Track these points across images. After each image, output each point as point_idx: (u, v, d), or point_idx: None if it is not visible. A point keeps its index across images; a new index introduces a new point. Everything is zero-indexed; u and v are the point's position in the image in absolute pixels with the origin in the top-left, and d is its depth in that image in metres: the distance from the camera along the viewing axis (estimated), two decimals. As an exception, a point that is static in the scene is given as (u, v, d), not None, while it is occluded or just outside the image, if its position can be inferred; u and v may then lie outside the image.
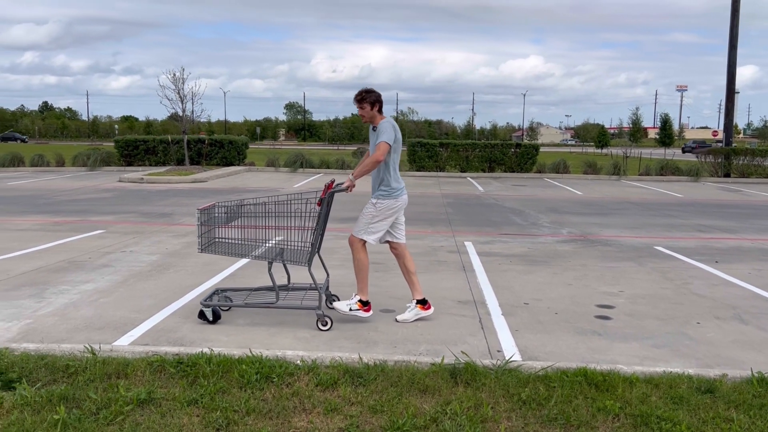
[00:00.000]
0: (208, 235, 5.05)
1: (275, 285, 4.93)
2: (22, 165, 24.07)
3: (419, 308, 5.17)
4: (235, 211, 5.08)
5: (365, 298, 5.11)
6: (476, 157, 24.01)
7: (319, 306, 4.90)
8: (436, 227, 10.49)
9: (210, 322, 4.97)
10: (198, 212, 5.00)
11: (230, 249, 5.10)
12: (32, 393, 3.29)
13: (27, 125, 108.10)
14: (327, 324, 4.88)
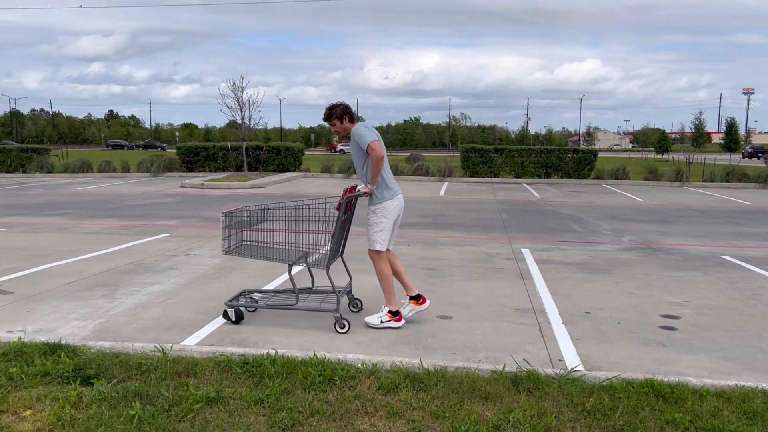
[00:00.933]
0: (236, 238, 5.18)
1: (295, 287, 5.05)
2: (91, 171, 25.17)
3: (413, 303, 5.22)
4: (259, 215, 5.20)
5: (394, 308, 5.11)
6: (532, 163, 23.69)
7: (337, 309, 4.95)
8: (491, 234, 10.41)
9: (233, 322, 5.11)
10: (222, 216, 5.12)
11: (254, 251, 5.20)
12: (109, 389, 3.45)
13: (94, 133, 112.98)
14: (345, 327, 4.93)
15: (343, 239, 5.43)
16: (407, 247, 8.91)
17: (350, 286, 5.59)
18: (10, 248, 8.42)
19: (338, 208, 4.98)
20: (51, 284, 6.37)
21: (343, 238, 5.41)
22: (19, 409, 3.26)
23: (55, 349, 4.01)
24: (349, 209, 5.24)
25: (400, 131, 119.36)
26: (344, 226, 5.27)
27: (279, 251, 5.13)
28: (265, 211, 5.21)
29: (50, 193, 17.56)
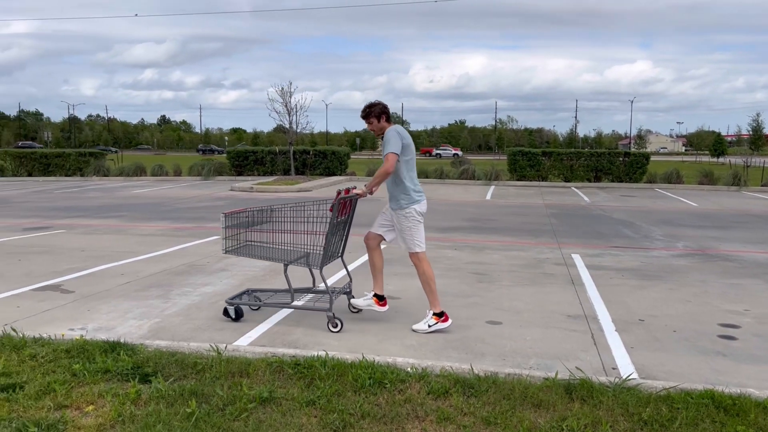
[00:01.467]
0: (238, 238, 5.31)
1: (290, 287, 5.18)
2: (144, 174, 25.96)
3: (374, 301, 5.30)
4: (259, 217, 5.32)
5: (439, 309, 5.10)
6: (581, 167, 23.27)
7: (330, 308, 5.03)
8: (540, 238, 10.26)
9: (233, 319, 5.26)
10: (222, 216, 5.25)
11: (254, 251, 5.33)
12: (166, 387, 3.54)
13: (147, 137, 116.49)
14: (337, 326, 5.01)
15: (343, 240, 5.51)
16: (454, 251, 8.87)
17: (350, 287, 5.65)
18: (71, 249, 8.75)
19: (331, 210, 5.04)
20: (109, 284, 6.60)
21: (342, 239, 5.49)
22: (82, 404, 3.39)
23: (114, 347, 4.15)
24: (346, 211, 5.30)
25: (445, 134, 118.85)
26: (341, 227, 5.35)
27: (276, 251, 5.27)
28: (265, 212, 5.34)
29: (107, 195, 18.19)
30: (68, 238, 9.80)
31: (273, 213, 5.30)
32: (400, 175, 5.04)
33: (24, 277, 6.90)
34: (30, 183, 23.86)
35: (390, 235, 5.31)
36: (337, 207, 5.04)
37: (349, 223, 5.50)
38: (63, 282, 6.68)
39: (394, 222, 5.20)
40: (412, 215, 5.08)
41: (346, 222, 5.42)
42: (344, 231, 5.48)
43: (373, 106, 5.12)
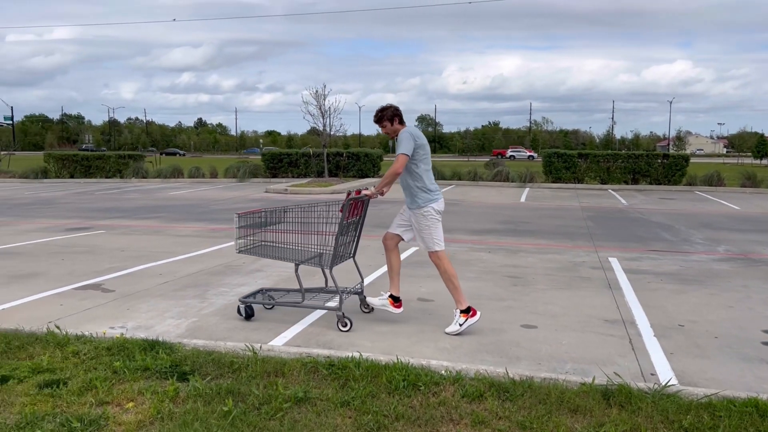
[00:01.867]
0: (254, 238, 5.42)
1: (301, 286, 5.28)
2: (181, 176, 26.45)
3: (389, 302, 5.32)
4: (272, 217, 5.43)
5: (465, 305, 5.10)
6: (618, 169, 22.87)
7: (339, 308, 5.09)
8: (576, 242, 10.11)
9: (244, 318, 5.36)
10: (236, 217, 5.38)
11: (267, 251, 5.43)
12: (203, 385, 3.60)
13: (184, 140, 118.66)
14: (347, 325, 5.06)
15: (355, 241, 5.56)
16: (488, 254, 8.81)
17: (361, 287, 5.70)
18: (111, 249, 8.96)
19: (341, 210, 5.09)
20: (148, 284, 6.74)
21: (354, 239, 5.54)
22: (123, 401, 3.46)
23: (153, 345, 4.23)
24: (357, 212, 5.35)
25: (478, 136, 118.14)
26: (353, 228, 5.41)
27: (288, 251, 5.37)
28: (278, 213, 5.44)
29: (145, 197, 18.58)
30: (108, 239, 10.04)
31: (286, 213, 5.41)
32: (416, 175, 5.09)
33: (67, 276, 7.09)
34: (72, 184, 24.52)
35: (408, 235, 5.33)
36: (347, 208, 5.09)
37: (361, 224, 5.55)
38: (104, 281, 6.85)
39: (412, 222, 5.22)
40: (431, 214, 5.10)
41: (357, 223, 5.47)
42: (356, 232, 5.53)
43: (384, 110, 5.18)
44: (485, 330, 5.16)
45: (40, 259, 8.18)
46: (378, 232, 10.87)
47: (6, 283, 6.75)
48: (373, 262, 8.11)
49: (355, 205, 5.24)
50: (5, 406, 3.39)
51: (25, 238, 10.00)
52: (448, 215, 13.85)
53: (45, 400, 3.43)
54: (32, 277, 7.07)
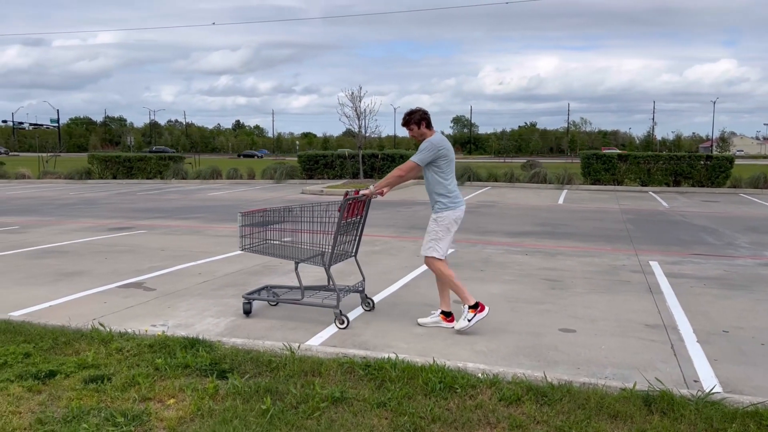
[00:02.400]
0: (258, 237, 5.57)
1: (301, 284, 5.39)
2: (220, 177, 26.89)
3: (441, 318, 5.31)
4: (274, 216, 5.58)
5: (473, 301, 5.11)
6: (659, 170, 22.37)
7: (337, 306, 5.19)
8: (615, 245, 9.93)
9: (243, 313, 5.56)
10: (240, 216, 5.52)
11: (268, 250, 5.56)
12: (242, 383, 3.66)
13: (222, 142, 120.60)
14: (344, 323, 5.16)
15: (356, 240, 5.63)
16: (525, 256, 8.71)
17: (362, 285, 5.76)
18: (152, 248, 9.17)
19: (339, 210, 5.16)
20: (187, 283, 6.87)
21: (355, 238, 5.62)
22: (164, 397, 3.54)
23: (193, 343, 4.31)
24: (358, 212, 5.42)
25: (515, 137, 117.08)
26: (353, 227, 5.50)
27: (290, 249, 5.50)
28: (280, 212, 5.58)
29: (185, 198, 18.95)
30: (149, 238, 10.27)
31: (288, 213, 5.54)
32: (437, 182, 5.12)
33: (110, 274, 7.28)
34: (114, 185, 25.17)
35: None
36: (344, 208, 5.15)
37: (363, 224, 5.63)
38: (145, 280, 7.01)
39: (429, 222, 5.25)
40: (444, 221, 5.14)
41: (358, 223, 5.56)
42: (357, 231, 5.61)
43: (413, 113, 5.19)
44: (522, 333, 5.11)
45: (84, 257, 8.42)
46: (413, 234, 10.88)
47: (54, 281, 6.97)
48: (409, 263, 8.11)
49: (354, 205, 5.31)
50: (53, 400, 3.50)
51: (71, 237, 10.30)
52: (485, 217, 13.77)
53: (90, 394, 3.53)
54: (77, 275, 7.28)
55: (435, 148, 5.05)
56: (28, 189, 23.40)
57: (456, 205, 5.16)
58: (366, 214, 5.60)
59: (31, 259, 8.28)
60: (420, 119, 5.16)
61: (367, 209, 5.57)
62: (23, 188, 23.86)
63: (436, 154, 5.04)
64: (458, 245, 9.60)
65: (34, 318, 5.24)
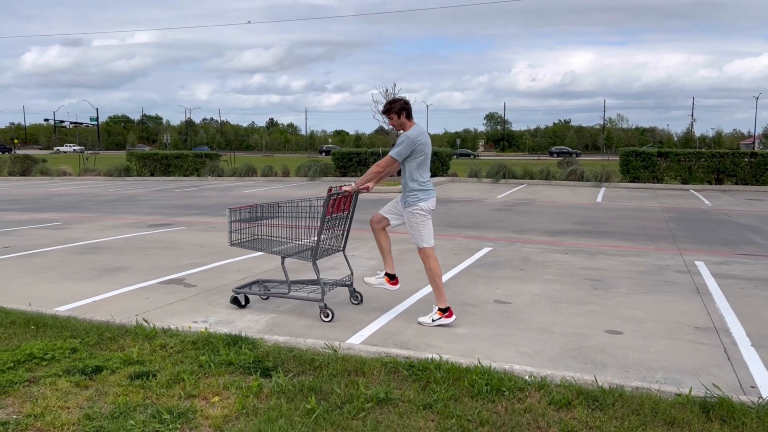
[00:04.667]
0: (245, 232, 5.69)
1: (287, 278, 5.50)
2: (255, 175, 27.13)
3: (386, 280, 5.53)
4: (263, 212, 5.71)
5: (444, 305, 5.20)
6: (701, 168, 21.78)
7: (321, 299, 5.33)
8: (658, 244, 9.67)
9: (241, 306, 5.69)
10: (228, 211, 5.64)
11: (256, 245, 5.69)
12: (286, 382, 3.63)
13: (256, 140, 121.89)
14: (328, 316, 5.28)
15: (344, 235, 5.76)
16: (565, 255, 8.54)
17: (350, 280, 5.86)
18: (191, 245, 9.26)
19: (324, 206, 5.28)
20: (227, 279, 6.90)
21: (343, 233, 5.74)
22: (209, 394, 3.53)
23: (236, 340, 4.31)
24: (345, 207, 5.55)
25: (549, 134, 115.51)
26: (340, 222, 5.63)
27: (276, 244, 5.64)
28: (269, 207, 5.69)
29: (221, 195, 19.15)
30: (188, 235, 10.38)
31: (276, 208, 5.64)
32: (411, 174, 5.19)
33: (151, 270, 7.37)
34: (152, 182, 25.61)
35: (395, 221, 5.45)
36: (327, 203, 5.25)
37: (350, 219, 5.74)
38: (186, 276, 7.07)
39: (404, 217, 5.34)
40: (419, 212, 5.20)
41: (345, 218, 5.67)
42: (344, 226, 5.72)
43: (393, 102, 5.25)
44: (568, 335, 4.99)
45: (126, 253, 8.54)
46: (448, 231, 10.78)
47: (97, 276, 7.08)
48: (445, 261, 8.02)
49: (340, 201, 5.42)
50: (100, 395, 3.52)
51: (112, 234, 10.48)
52: (522, 215, 13.57)
53: (136, 391, 3.54)
54: (120, 271, 7.38)
55: (412, 143, 5.09)
56: (70, 186, 23.97)
57: (428, 195, 5.25)
58: (353, 209, 5.72)
59: (74, 255, 8.44)
60: (400, 109, 5.20)
61: (354, 205, 5.69)
62: (65, 185, 24.46)
63: (413, 148, 5.09)
64: (496, 243, 9.47)
65: (79, 313, 5.31)
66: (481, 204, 16.07)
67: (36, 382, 3.68)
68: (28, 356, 3.99)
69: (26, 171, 29.88)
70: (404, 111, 5.22)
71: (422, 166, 5.21)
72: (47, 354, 4.03)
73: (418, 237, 5.26)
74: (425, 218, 5.23)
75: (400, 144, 5.11)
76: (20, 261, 8.00)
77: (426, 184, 5.24)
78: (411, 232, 5.30)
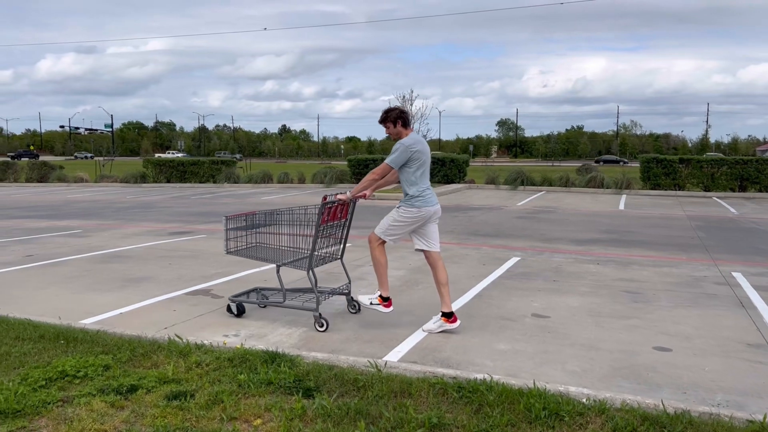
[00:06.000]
0: (241, 240, 5.70)
1: (282, 287, 5.49)
2: (271, 182, 27.06)
3: (443, 320, 5.21)
4: (259, 220, 5.72)
5: (386, 294, 5.28)
6: (724, 175, 21.41)
7: (316, 309, 5.25)
8: (690, 254, 9.42)
9: (235, 315, 5.63)
10: (224, 219, 5.67)
11: (251, 253, 5.70)
12: (330, 404, 3.44)
13: (269, 146, 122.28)
14: (323, 326, 5.22)
15: (341, 243, 5.71)
16: (597, 266, 8.31)
17: (348, 288, 5.81)
18: (214, 254, 9.12)
19: (318, 214, 5.24)
20: (254, 290, 6.73)
21: (340, 242, 5.70)
22: (250, 417, 3.36)
23: (274, 357, 4.13)
24: (338, 215, 5.50)
25: (562, 140, 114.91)
26: (336, 230, 5.59)
27: (272, 252, 5.62)
28: (265, 216, 5.69)
29: (239, 202, 19.05)
30: (210, 243, 10.25)
31: (272, 217, 5.64)
32: (408, 181, 5.18)
33: (176, 280, 7.23)
34: (168, 189, 25.59)
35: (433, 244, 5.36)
36: (321, 212, 5.22)
37: (348, 227, 5.70)
38: (212, 287, 6.92)
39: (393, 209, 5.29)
40: (408, 215, 5.19)
41: (342, 226, 5.64)
42: (341, 234, 5.68)
43: (389, 112, 5.24)
44: (614, 351, 4.77)
45: (149, 262, 8.42)
46: (474, 240, 10.58)
47: (121, 286, 6.95)
48: (476, 272, 7.83)
49: (336, 208, 5.40)
50: (137, 417, 3.36)
51: (133, 242, 10.37)
52: (546, 223, 13.33)
53: (174, 413, 3.38)
54: (144, 281, 7.25)
55: (408, 150, 5.07)
56: (87, 192, 24.01)
57: (426, 204, 5.19)
58: (351, 217, 5.67)
59: (96, 264, 8.32)
60: (396, 118, 5.19)
61: (352, 212, 5.65)
62: (82, 191, 24.50)
63: (408, 155, 5.07)
64: (524, 253, 9.26)
65: (107, 326, 5.18)
66: (502, 212, 15.84)
67: (70, 402, 3.52)
68: (60, 374, 3.84)
69: (43, 177, 30.02)
70: (400, 120, 5.21)
71: (420, 174, 5.17)
72: (79, 371, 3.87)
73: (385, 227, 5.23)
74: (407, 224, 5.21)
75: (395, 151, 5.10)
76: (43, 270, 7.90)
77: (425, 191, 5.19)
78: (385, 218, 5.27)
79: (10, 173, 30.94)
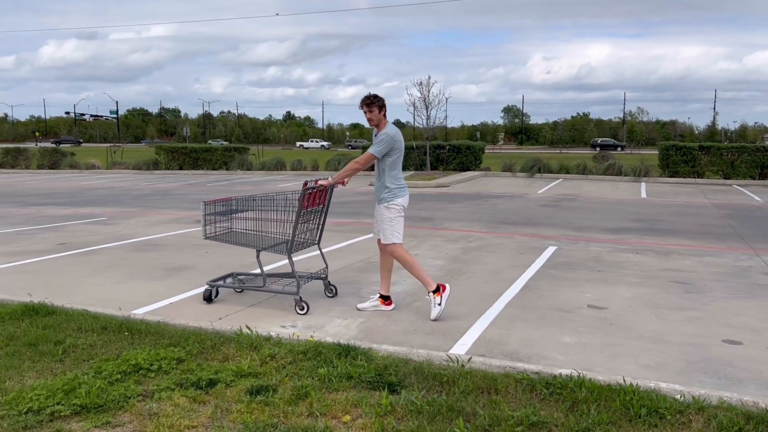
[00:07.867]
0: (220, 226, 5.73)
1: (262, 271, 5.63)
2: (284, 169, 26.94)
3: (380, 302, 5.48)
4: (238, 205, 5.78)
5: (433, 286, 5.28)
6: (744, 162, 21.21)
7: (297, 292, 5.33)
8: (726, 242, 9.30)
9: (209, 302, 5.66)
10: (202, 205, 5.66)
11: (231, 238, 5.74)
12: (420, 400, 3.35)
13: (274, 133, 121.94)
14: (304, 309, 5.30)
15: (319, 228, 5.79)
16: (636, 255, 8.20)
17: (325, 273, 5.91)
18: (247, 242, 9.02)
19: (299, 199, 5.30)
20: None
21: (318, 227, 5.78)
22: (338, 413, 3.27)
23: (348, 350, 4.04)
24: (320, 201, 5.60)
25: (568, 127, 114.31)
26: (315, 216, 5.68)
27: (251, 238, 5.67)
28: (244, 201, 5.74)
29: (255, 189, 18.94)
30: (240, 231, 10.15)
31: (251, 202, 5.68)
32: (387, 173, 5.30)
33: (217, 269, 7.13)
34: (182, 176, 25.49)
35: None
36: (302, 197, 5.27)
37: (325, 213, 5.79)
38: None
39: (378, 213, 5.40)
40: (395, 207, 5.30)
41: (321, 211, 5.73)
42: (320, 220, 5.78)
43: (378, 97, 5.33)
44: (684, 345, 4.67)
45: (184, 251, 8.33)
46: (504, 229, 10.47)
47: (163, 276, 6.87)
48: (517, 261, 7.72)
49: (315, 194, 5.47)
50: (223, 413, 3.28)
51: (162, 230, 10.29)
52: (572, 211, 13.21)
53: (260, 408, 3.29)
54: (185, 270, 7.16)
55: (392, 140, 5.22)
56: (100, 179, 23.92)
57: (403, 192, 5.37)
58: (328, 203, 5.75)
59: (133, 252, 8.24)
60: (382, 105, 5.31)
61: (329, 198, 5.75)
62: (95, 178, 24.41)
63: (392, 146, 5.23)
64: (559, 242, 9.15)
65: (159, 316, 5.10)
66: (524, 199, 15.71)
67: (150, 396, 3.44)
68: (133, 367, 3.75)
69: (54, 164, 29.93)
70: (384, 108, 5.33)
71: (396, 164, 5.34)
72: (153, 365, 3.79)
73: (390, 232, 5.31)
74: (399, 215, 5.33)
75: (382, 142, 5.21)
76: (81, 259, 7.81)
77: (401, 180, 5.36)
78: (383, 227, 5.34)
79: (21, 159, 30.88)
